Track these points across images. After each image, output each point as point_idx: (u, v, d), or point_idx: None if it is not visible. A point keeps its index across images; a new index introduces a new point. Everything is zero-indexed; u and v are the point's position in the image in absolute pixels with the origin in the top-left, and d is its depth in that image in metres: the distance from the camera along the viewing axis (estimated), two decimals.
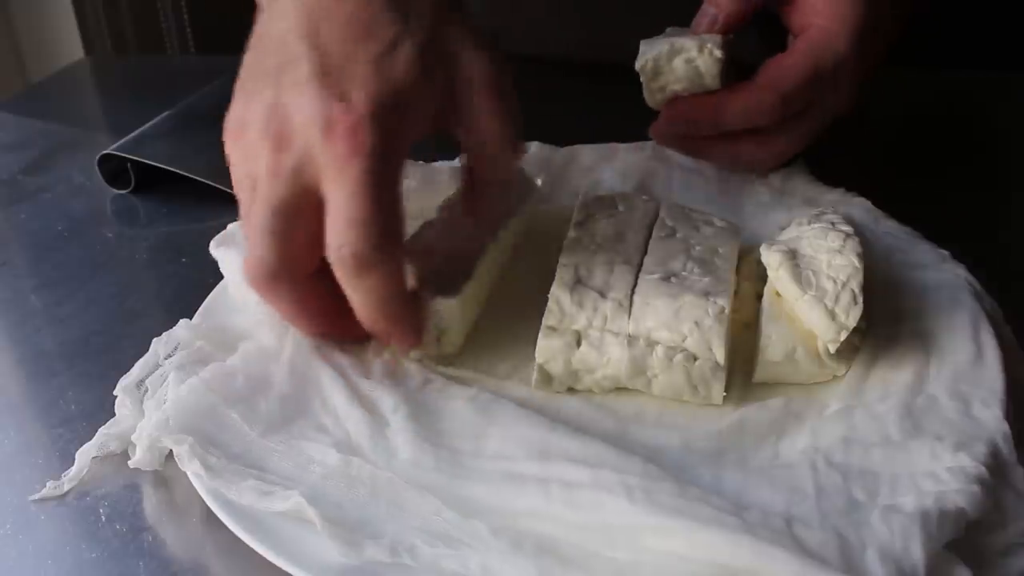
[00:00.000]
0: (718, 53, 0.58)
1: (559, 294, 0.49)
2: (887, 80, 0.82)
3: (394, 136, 0.44)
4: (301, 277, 0.46)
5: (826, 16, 0.58)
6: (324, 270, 0.45)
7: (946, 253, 0.54)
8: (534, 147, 0.66)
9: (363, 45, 0.44)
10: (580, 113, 0.80)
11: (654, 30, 0.62)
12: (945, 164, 0.72)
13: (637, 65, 0.60)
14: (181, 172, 0.70)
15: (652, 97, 0.61)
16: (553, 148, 0.66)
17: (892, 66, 0.82)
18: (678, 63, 0.59)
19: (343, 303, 0.46)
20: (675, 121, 0.60)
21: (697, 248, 0.51)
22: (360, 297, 0.45)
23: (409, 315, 0.47)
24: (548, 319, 0.48)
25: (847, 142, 0.74)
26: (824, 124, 0.60)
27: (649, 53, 0.59)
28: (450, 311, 0.49)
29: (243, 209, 0.47)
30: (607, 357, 0.47)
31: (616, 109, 0.80)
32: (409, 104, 0.44)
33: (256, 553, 0.40)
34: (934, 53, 0.83)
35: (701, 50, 0.58)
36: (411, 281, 0.48)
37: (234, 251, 0.54)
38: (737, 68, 0.59)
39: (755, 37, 0.60)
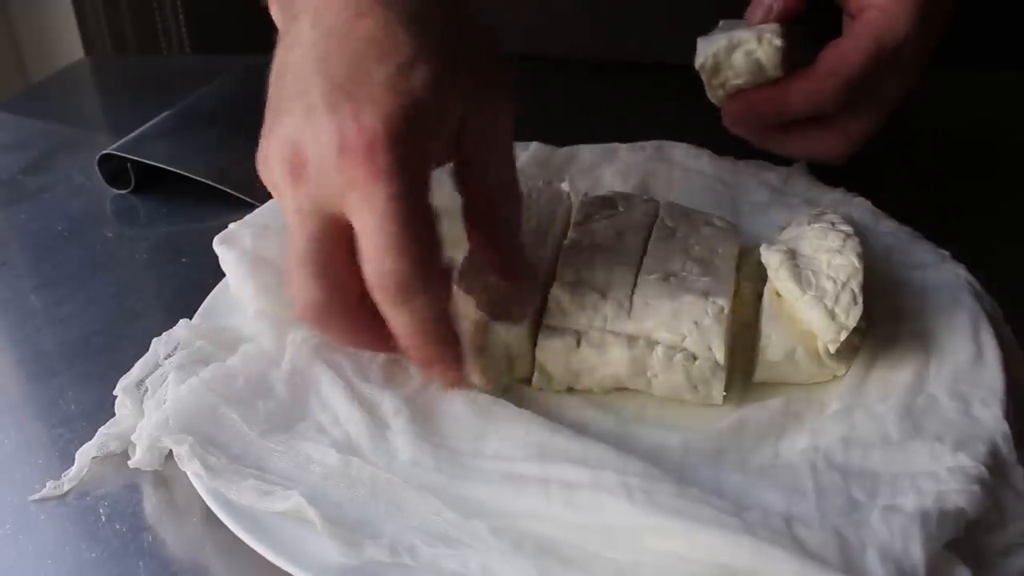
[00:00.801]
0: (778, 42, 0.57)
1: (559, 294, 0.49)
2: None
3: (415, 156, 0.41)
4: (352, 305, 0.44)
5: None
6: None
7: (946, 253, 0.54)
8: (534, 147, 0.66)
9: (376, 65, 0.42)
10: (580, 113, 0.80)
11: (652, 29, 0.61)
12: (946, 164, 0.72)
13: (697, 63, 0.59)
14: (181, 172, 0.70)
15: (714, 94, 0.60)
16: (553, 148, 0.66)
17: None
18: (738, 57, 0.58)
19: None
20: (740, 114, 0.60)
21: (696, 248, 0.51)
22: (400, 324, 0.43)
23: (451, 343, 0.44)
24: (548, 319, 0.48)
25: None
26: (889, 108, 0.59)
27: (708, 50, 0.58)
28: (519, 339, 0.48)
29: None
30: (607, 357, 0.47)
31: (617, 108, 0.80)
32: (427, 124, 0.42)
33: (256, 553, 0.40)
34: (934, 53, 0.83)
35: (760, 41, 0.57)
36: (474, 310, 0.47)
37: (235, 250, 0.54)
38: (797, 55, 0.59)
39: (809, 24, 0.60)
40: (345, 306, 0.44)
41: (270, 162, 0.44)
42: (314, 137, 0.41)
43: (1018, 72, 0.81)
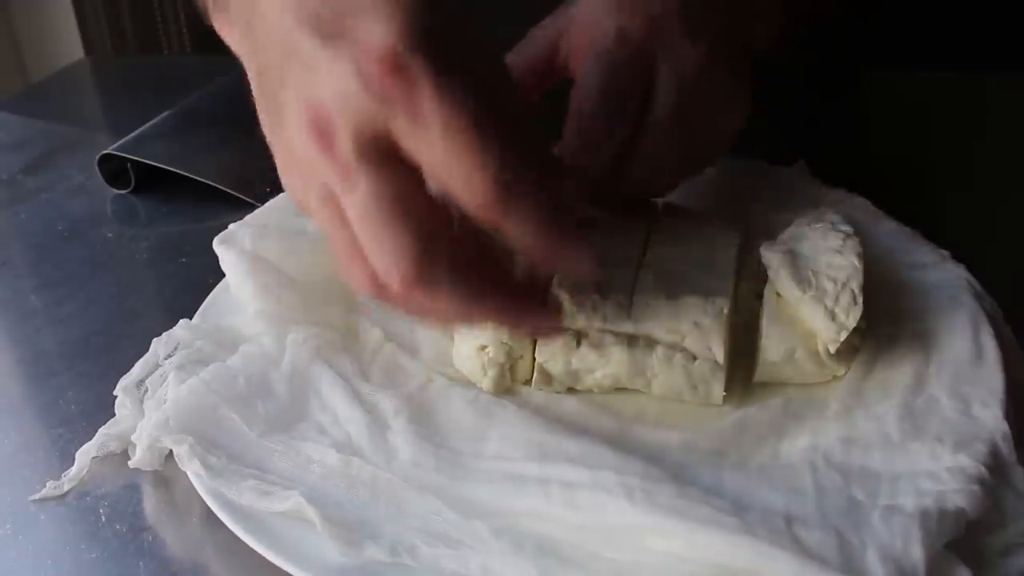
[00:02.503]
0: None
1: (559, 294, 0.48)
2: (887, 81, 0.82)
3: (447, 49, 0.36)
4: (455, 251, 0.38)
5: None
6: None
7: (946, 253, 0.54)
8: None
9: None
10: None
11: None
12: (945, 164, 0.72)
13: None
14: (181, 172, 0.70)
15: None
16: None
17: (892, 67, 0.82)
18: None
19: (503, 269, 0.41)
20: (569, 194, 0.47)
21: (696, 248, 0.51)
22: (522, 224, 0.37)
23: (575, 231, 0.39)
24: None
25: (847, 142, 0.74)
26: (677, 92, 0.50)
27: None
28: (523, 340, 0.48)
29: (332, 238, 0.39)
30: (607, 357, 0.47)
31: None
32: (440, 20, 0.36)
33: (256, 553, 0.40)
34: (934, 53, 0.83)
35: None
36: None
37: (235, 251, 0.54)
38: None
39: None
40: (448, 248, 0.37)
41: (289, 143, 0.38)
42: (330, 89, 0.36)
43: (1018, 73, 0.81)
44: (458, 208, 0.38)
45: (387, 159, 0.37)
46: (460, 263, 0.38)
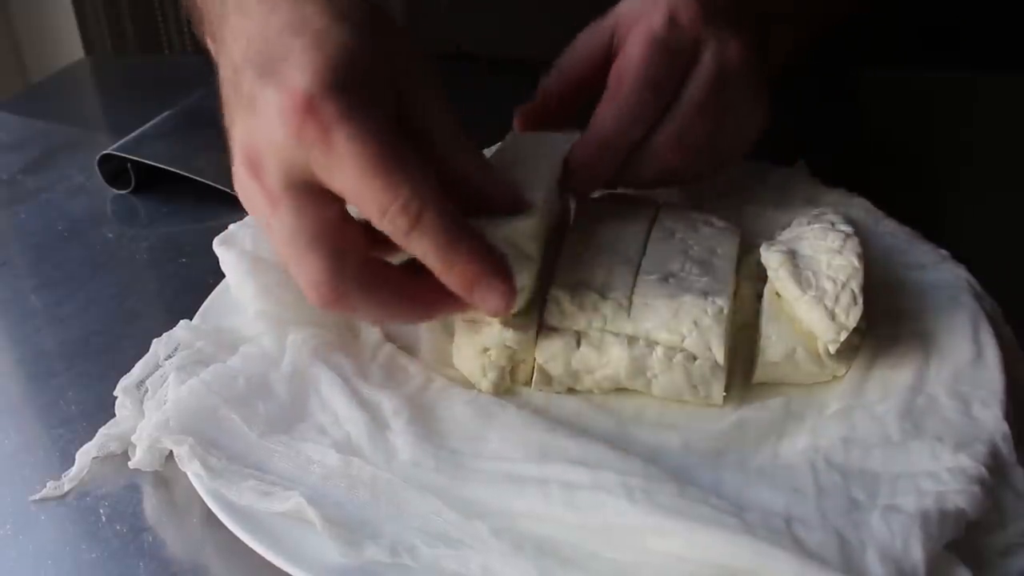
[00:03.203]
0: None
1: (559, 294, 0.49)
2: (887, 81, 0.82)
3: (359, 97, 0.41)
4: (365, 268, 0.43)
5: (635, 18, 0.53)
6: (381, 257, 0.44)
7: (946, 253, 0.54)
8: None
9: (293, 39, 0.41)
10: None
11: None
12: (945, 164, 0.72)
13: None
14: (181, 172, 0.70)
15: None
16: None
17: (892, 67, 0.83)
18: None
19: (426, 277, 0.43)
20: (581, 177, 0.53)
21: (695, 248, 0.51)
22: (426, 248, 0.41)
23: (485, 248, 0.43)
24: (548, 319, 0.48)
25: (847, 142, 0.74)
26: (716, 86, 0.52)
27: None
28: (523, 342, 0.48)
29: (274, 249, 0.45)
30: (607, 357, 0.47)
31: None
32: (359, 71, 0.41)
33: (256, 553, 0.40)
34: (934, 53, 0.83)
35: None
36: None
37: (235, 251, 0.54)
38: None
39: None
40: (359, 270, 0.42)
41: (238, 177, 0.44)
42: (256, 124, 0.41)
43: (1017, 73, 0.81)
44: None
45: (310, 192, 0.41)
46: (377, 278, 0.43)
